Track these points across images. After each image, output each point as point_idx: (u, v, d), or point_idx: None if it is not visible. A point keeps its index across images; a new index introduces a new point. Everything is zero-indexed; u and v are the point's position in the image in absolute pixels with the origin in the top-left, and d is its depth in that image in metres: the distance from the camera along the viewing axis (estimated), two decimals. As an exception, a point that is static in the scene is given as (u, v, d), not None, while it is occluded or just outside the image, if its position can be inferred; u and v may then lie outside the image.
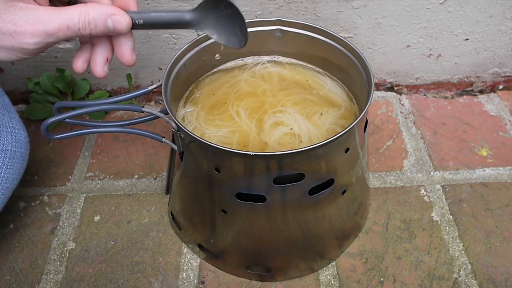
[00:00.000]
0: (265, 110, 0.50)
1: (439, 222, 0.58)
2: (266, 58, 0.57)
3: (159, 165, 0.66)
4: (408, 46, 0.72)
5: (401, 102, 0.76)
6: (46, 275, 0.53)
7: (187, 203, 0.52)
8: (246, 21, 0.52)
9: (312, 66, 0.56)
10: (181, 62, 0.50)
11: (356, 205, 0.52)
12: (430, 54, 0.73)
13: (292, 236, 0.48)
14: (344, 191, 0.47)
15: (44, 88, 0.72)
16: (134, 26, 0.39)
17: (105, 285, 0.52)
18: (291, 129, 0.48)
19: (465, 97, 0.77)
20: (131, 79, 0.73)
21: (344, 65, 0.51)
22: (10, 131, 0.49)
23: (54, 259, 0.55)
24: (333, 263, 0.54)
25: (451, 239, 0.56)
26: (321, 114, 0.50)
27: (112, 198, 0.62)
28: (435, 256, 0.54)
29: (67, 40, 0.38)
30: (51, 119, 0.44)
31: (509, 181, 0.63)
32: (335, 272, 0.53)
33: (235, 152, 0.39)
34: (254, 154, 0.38)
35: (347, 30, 0.69)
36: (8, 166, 0.48)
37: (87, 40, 0.41)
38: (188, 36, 0.69)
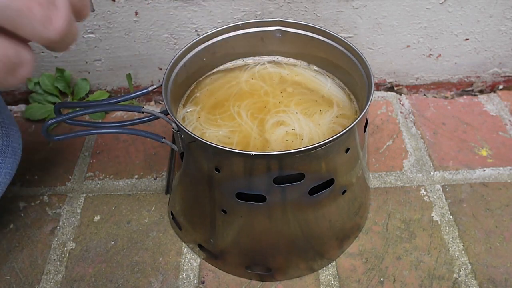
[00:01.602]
0: (268, 110, 0.50)
1: (439, 222, 0.58)
2: (266, 58, 0.57)
3: (159, 165, 0.66)
4: (408, 46, 0.72)
5: (401, 102, 0.76)
6: (46, 275, 0.53)
7: (187, 203, 0.52)
8: (246, 21, 0.52)
9: (312, 67, 0.56)
10: (182, 63, 0.50)
11: (356, 205, 0.52)
12: (430, 54, 0.73)
13: (292, 236, 0.48)
14: (344, 191, 0.47)
15: (44, 88, 0.72)
16: None
17: (105, 285, 0.52)
18: (293, 129, 0.48)
19: (465, 97, 0.77)
20: (131, 79, 0.73)
21: (344, 65, 0.51)
22: None
23: (54, 259, 0.55)
24: (333, 263, 0.54)
25: (451, 239, 0.56)
26: (322, 114, 0.50)
27: (112, 198, 0.62)
28: (435, 256, 0.54)
29: None
30: (51, 120, 0.44)
31: (509, 181, 0.63)
32: (335, 272, 0.53)
33: (235, 151, 0.39)
34: (254, 154, 0.38)
35: (347, 30, 0.69)
36: None
37: None
38: (188, 36, 0.69)
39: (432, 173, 0.64)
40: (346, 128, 0.40)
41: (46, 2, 0.20)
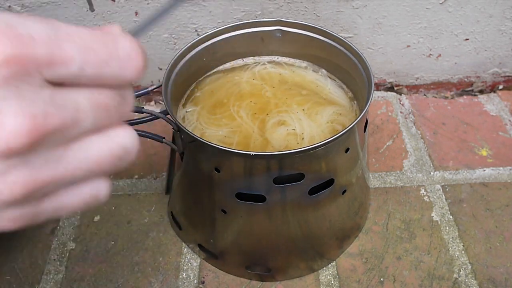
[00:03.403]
0: (269, 110, 0.50)
1: (439, 222, 0.58)
2: (266, 58, 0.57)
3: (159, 165, 0.66)
4: (408, 46, 0.72)
5: (401, 102, 0.76)
6: (46, 275, 0.53)
7: (187, 203, 0.52)
8: (246, 21, 0.52)
9: (312, 67, 0.56)
10: (182, 63, 0.50)
11: (356, 205, 0.52)
12: (430, 54, 0.73)
13: (292, 236, 0.48)
14: (344, 191, 0.47)
15: (44, 88, 0.72)
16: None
17: (105, 285, 0.52)
18: (293, 129, 0.48)
19: (465, 97, 0.77)
20: (131, 79, 0.73)
21: (344, 65, 0.51)
22: None
23: (54, 259, 0.55)
24: (333, 263, 0.54)
25: (451, 239, 0.56)
26: (322, 114, 0.50)
27: (112, 198, 0.62)
28: (435, 256, 0.54)
29: None
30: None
31: (509, 181, 0.63)
32: (335, 272, 0.53)
33: (235, 152, 0.39)
34: (254, 154, 0.38)
35: (347, 30, 0.69)
36: None
37: None
38: (188, 36, 0.69)
39: (432, 173, 0.64)
40: (346, 128, 0.40)
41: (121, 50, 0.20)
